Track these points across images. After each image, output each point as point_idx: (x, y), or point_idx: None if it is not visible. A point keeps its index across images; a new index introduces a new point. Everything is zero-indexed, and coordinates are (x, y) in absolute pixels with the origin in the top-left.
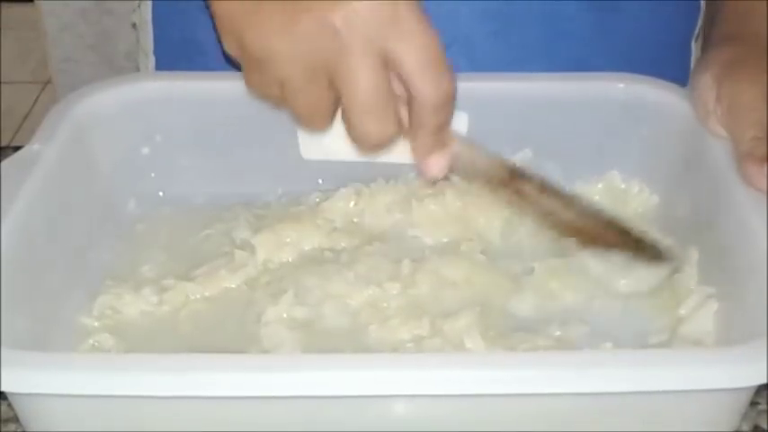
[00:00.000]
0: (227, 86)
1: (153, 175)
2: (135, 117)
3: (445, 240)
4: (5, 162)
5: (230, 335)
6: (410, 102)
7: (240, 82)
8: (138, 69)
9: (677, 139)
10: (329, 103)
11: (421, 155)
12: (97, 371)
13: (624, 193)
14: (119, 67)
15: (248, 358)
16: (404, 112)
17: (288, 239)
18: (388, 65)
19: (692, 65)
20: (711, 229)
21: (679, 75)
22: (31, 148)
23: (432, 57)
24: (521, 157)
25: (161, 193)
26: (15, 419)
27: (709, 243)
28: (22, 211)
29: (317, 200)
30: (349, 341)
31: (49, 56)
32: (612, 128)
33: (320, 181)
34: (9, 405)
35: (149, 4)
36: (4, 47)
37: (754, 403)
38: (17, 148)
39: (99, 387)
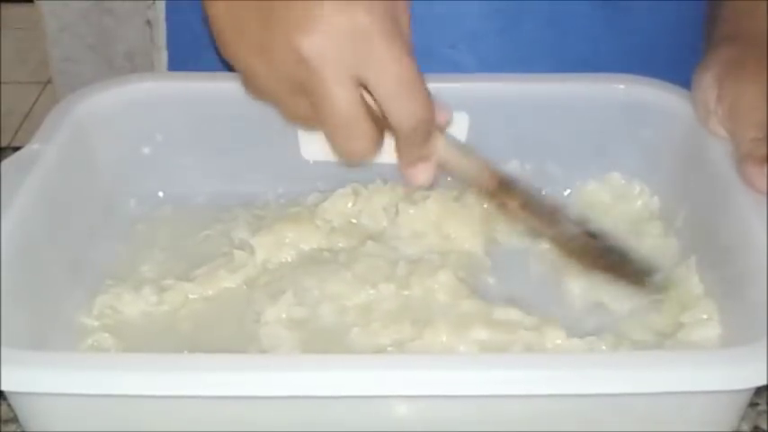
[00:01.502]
0: (228, 87)
1: (153, 175)
2: (135, 117)
3: (444, 241)
4: (5, 162)
5: (229, 335)
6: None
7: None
8: (137, 69)
9: (678, 140)
10: (309, 113)
11: (405, 165)
12: (97, 370)
13: (625, 194)
14: (119, 67)
15: (248, 358)
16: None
17: (287, 240)
18: (361, 85)
19: None
20: (712, 231)
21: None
22: (31, 147)
23: (404, 84)
24: (521, 158)
25: (161, 194)
26: (15, 420)
27: (710, 244)
28: (22, 210)
29: (316, 200)
30: (347, 341)
31: (49, 56)
32: (613, 129)
33: (318, 183)
34: (9, 405)
35: (163, 2)
36: (4, 47)
37: (753, 404)
38: (17, 149)
39: (99, 386)
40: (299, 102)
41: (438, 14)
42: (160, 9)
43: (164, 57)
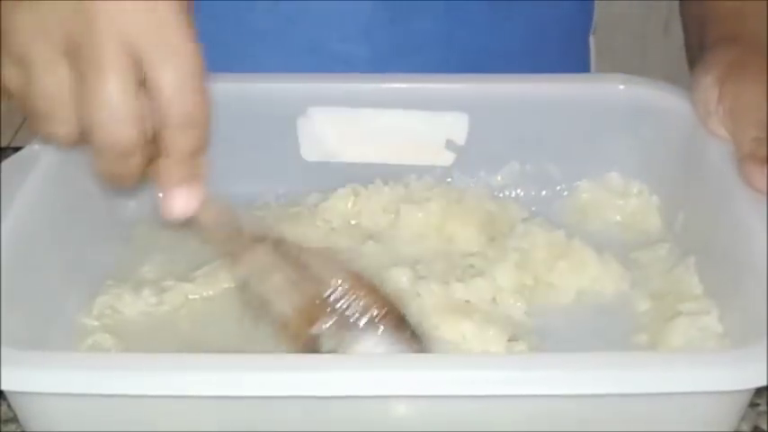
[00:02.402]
0: (228, 87)
1: None
2: None
3: (444, 242)
4: (6, 162)
5: (229, 335)
6: (161, 123)
7: (240, 83)
8: None
9: (677, 141)
10: (67, 89)
11: (167, 184)
12: (97, 370)
13: (624, 194)
14: None
15: (247, 358)
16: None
17: None
18: (138, 70)
19: (592, 59)
20: (711, 230)
21: (579, 67)
22: (32, 148)
23: (188, 75)
24: (520, 159)
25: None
26: (15, 420)
27: (709, 244)
28: (23, 211)
29: (316, 200)
30: None
31: None
32: (612, 129)
33: (318, 183)
34: (9, 405)
35: None
36: None
37: (754, 404)
38: (17, 149)
39: (98, 386)
40: (57, 69)
41: (329, 9)
42: None
43: None
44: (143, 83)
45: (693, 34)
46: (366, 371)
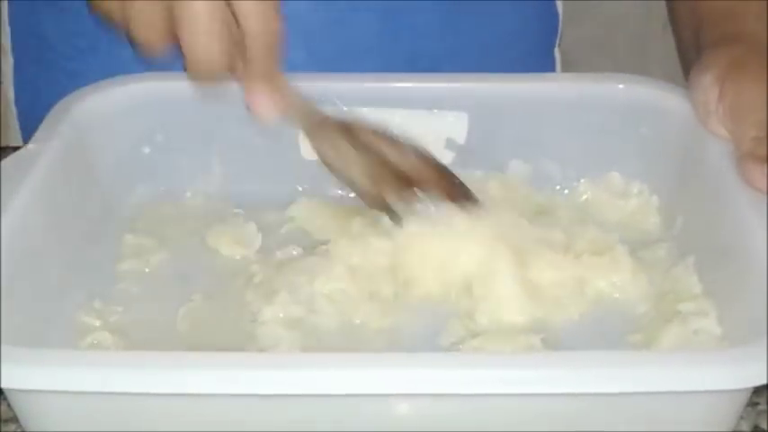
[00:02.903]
0: (229, 87)
1: (153, 174)
2: (135, 117)
3: None
4: (5, 161)
5: (228, 334)
6: (242, 39)
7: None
8: None
9: (677, 140)
10: (163, 19)
11: (251, 93)
12: (97, 368)
13: (624, 194)
14: None
15: (246, 356)
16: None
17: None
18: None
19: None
20: (711, 230)
21: None
22: (32, 147)
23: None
24: (520, 158)
25: (162, 193)
26: (15, 420)
27: (709, 244)
28: (23, 208)
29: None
30: (345, 340)
31: None
32: (612, 128)
33: (318, 183)
34: (9, 405)
35: (6, 3)
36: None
37: (754, 403)
38: (17, 149)
39: (98, 384)
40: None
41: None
42: (4, 11)
43: (10, 62)
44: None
45: (688, 36)
46: (366, 369)
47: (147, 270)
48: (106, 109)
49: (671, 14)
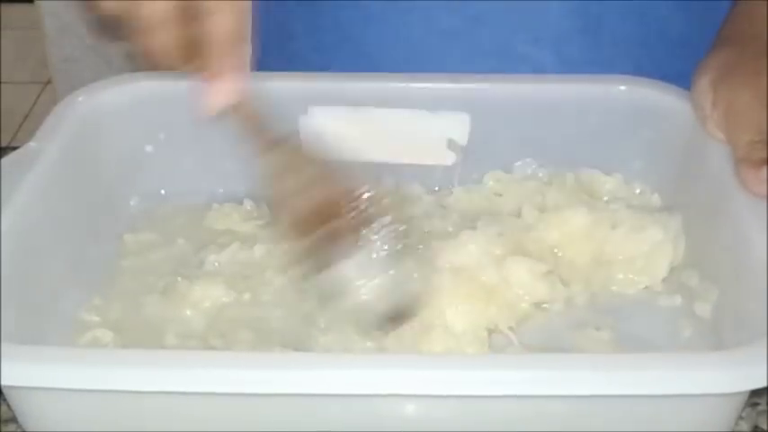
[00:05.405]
0: None
1: (155, 173)
2: (138, 115)
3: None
4: (5, 160)
5: (229, 333)
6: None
7: None
8: (136, 70)
9: (679, 142)
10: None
11: (209, 77)
12: (96, 365)
13: (625, 194)
14: (119, 67)
15: (246, 355)
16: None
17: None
18: None
19: None
20: (711, 230)
21: None
22: (33, 145)
23: None
24: (521, 159)
25: (162, 192)
26: (15, 420)
27: (709, 244)
28: (23, 206)
29: None
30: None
31: (49, 56)
32: (615, 130)
33: None
34: (9, 405)
35: None
36: (4, 47)
37: (753, 404)
38: (17, 149)
39: (97, 381)
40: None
41: (520, 12)
42: None
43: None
44: None
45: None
46: (363, 370)
47: (146, 268)
48: (109, 107)
49: None
